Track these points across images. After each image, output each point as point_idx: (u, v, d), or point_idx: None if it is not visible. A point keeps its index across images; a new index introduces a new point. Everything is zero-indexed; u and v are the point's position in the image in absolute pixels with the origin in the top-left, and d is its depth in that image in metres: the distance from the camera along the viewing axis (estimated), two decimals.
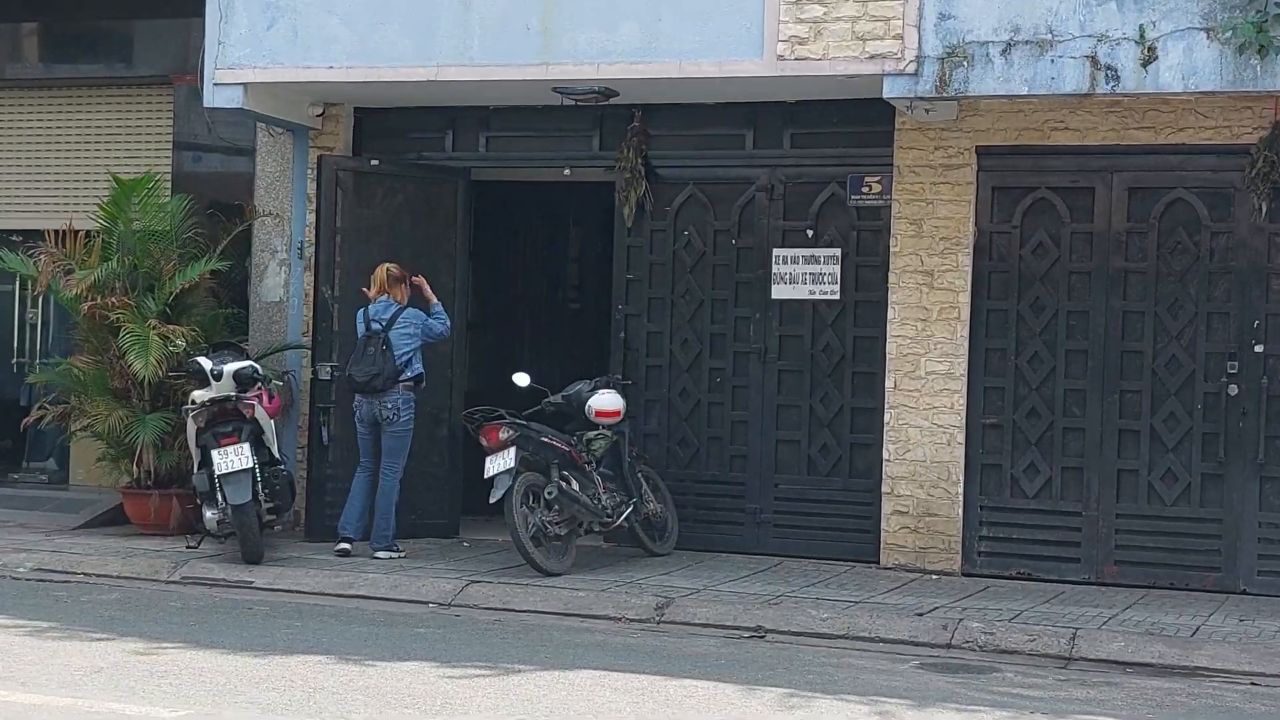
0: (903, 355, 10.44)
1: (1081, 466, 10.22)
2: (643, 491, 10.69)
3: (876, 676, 7.79)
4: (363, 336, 10.60)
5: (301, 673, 7.39)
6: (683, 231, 11.23)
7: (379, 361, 10.47)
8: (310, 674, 7.37)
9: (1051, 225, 10.31)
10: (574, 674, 7.55)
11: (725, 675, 7.65)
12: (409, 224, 11.48)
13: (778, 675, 7.70)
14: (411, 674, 7.44)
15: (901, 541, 10.42)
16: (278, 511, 10.50)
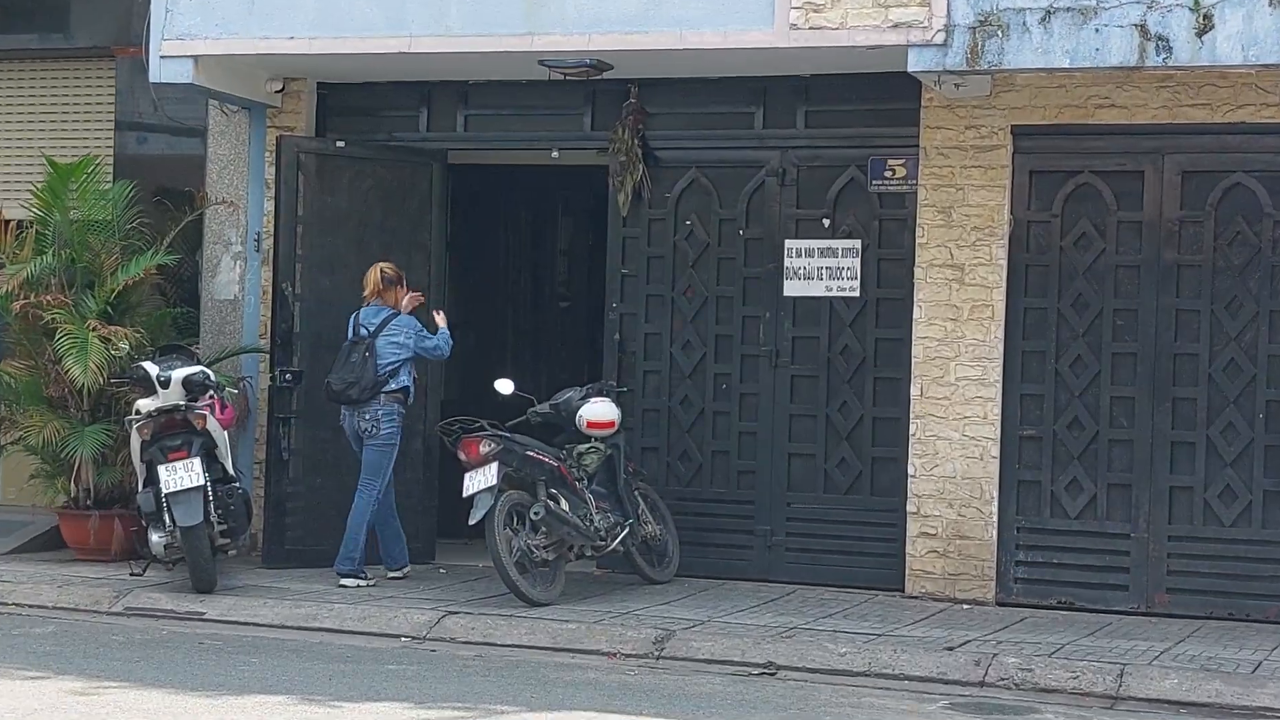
0: (930, 359, 10.43)
1: (1130, 483, 10.21)
2: (640, 512, 10.70)
3: (901, 718, 7.75)
4: (348, 342, 10.68)
5: (259, 715, 7.36)
6: (684, 221, 11.22)
7: (359, 370, 10.53)
8: (269, 717, 7.33)
9: (1096, 214, 10.30)
10: (563, 716, 7.52)
11: (732, 717, 7.59)
12: (379, 212, 11.48)
13: (791, 717, 7.65)
14: (382, 716, 7.42)
15: (929, 567, 10.41)
16: (232, 534, 10.48)
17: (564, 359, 13.71)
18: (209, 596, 10.08)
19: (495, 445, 9.98)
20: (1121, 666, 8.49)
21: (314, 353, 11.22)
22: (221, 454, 10.43)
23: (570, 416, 10.53)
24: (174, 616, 9.89)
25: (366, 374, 10.53)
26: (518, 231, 13.87)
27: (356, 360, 10.57)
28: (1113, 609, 10.11)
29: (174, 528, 10.09)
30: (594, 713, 7.59)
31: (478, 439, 10.03)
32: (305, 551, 11.17)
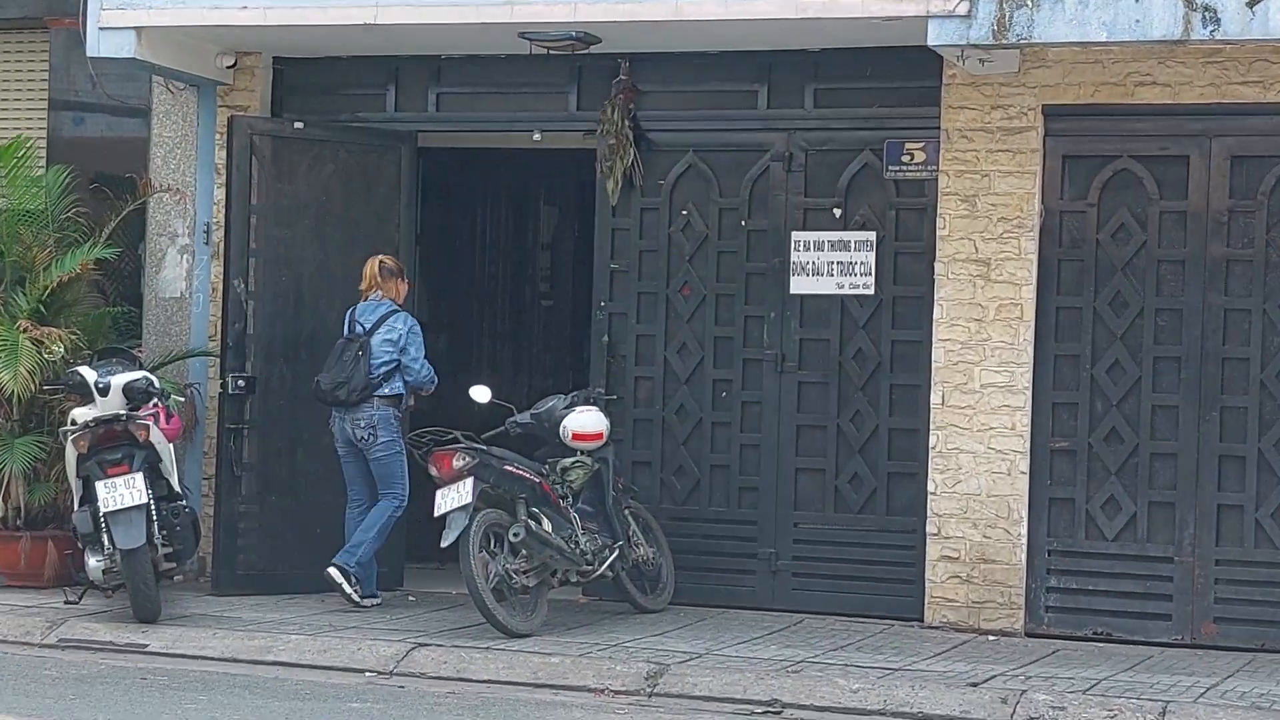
0: (952, 364, 10.45)
1: (1173, 502, 10.22)
2: (630, 533, 10.70)
3: None
4: (341, 340, 10.77)
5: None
6: (680, 211, 11.24)
7: (350, 369, 10.60)
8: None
9: (1136, 203, 10.32)
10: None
11: None
12: (341, 201, 11.49)
13: None
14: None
15: (951, 594, 10.42)
16: (178, 558, 10.48)
17: (546, 363, 13.72)
18: (152, 627, 10.07)
19: (470, 459, 9.98)
20: (1164, 704, 8.50)
21: (269, 357, 11.23)
22: (166, 469, 10.42)
23: (553, 427, 10.54)
24: (113, 649, 9.88)
25: (358, 374, 10.60)
26: (495, 222, 13.88)
27: (348, 359, 10.64)
28: (1154, 640, 10.12)
29: (113, 550, 10.07)
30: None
31: (450, 452, 10.03)
32: (259, 577, 11.17)
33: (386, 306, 10.80)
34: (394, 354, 10.71)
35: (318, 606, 10.77)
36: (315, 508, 11.26)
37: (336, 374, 10.65)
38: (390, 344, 10.70)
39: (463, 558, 9.76)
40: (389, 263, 10.90)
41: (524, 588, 10.03)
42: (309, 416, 11.24)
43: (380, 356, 10.67)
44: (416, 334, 10.80)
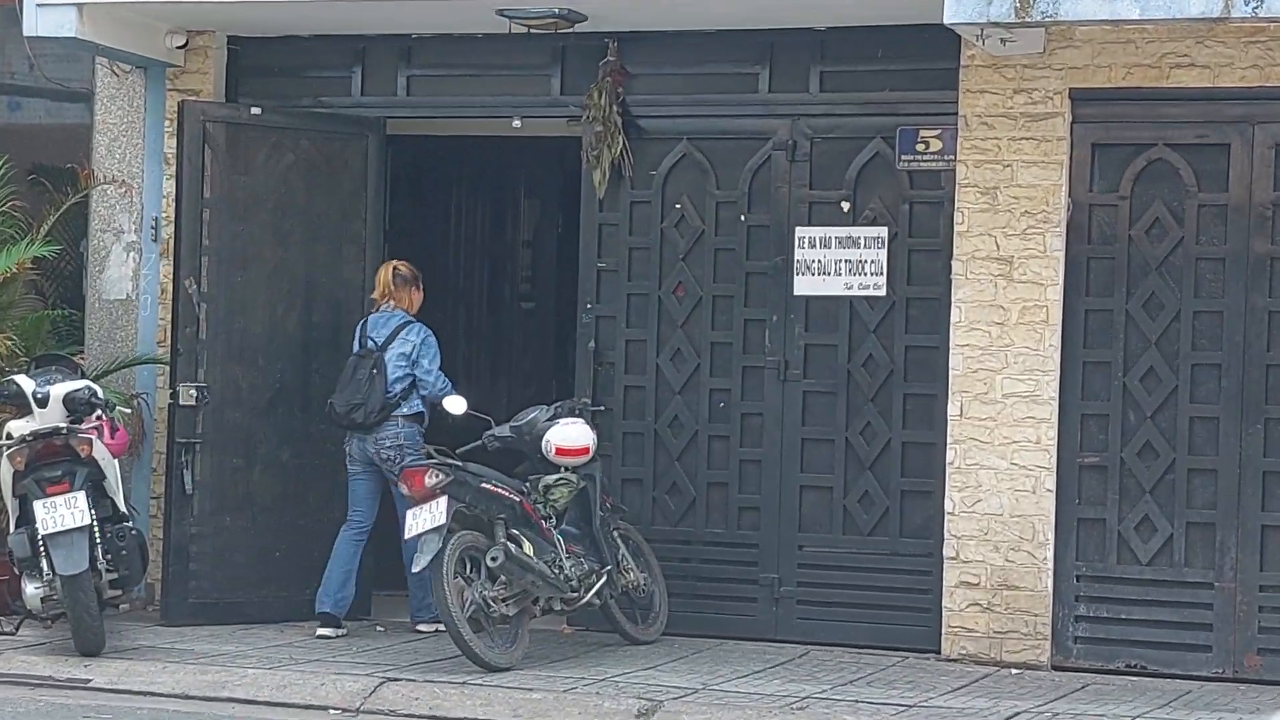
0: (971, 371, 10.46)
1: (1213, 522, 10.22)
2: (619, 557, 10.71)
3: None
4: (353, 356, 10.91)
5: None
6: (674, 204, 11.25)
7: (365, 389, 10.74)
8: None
9: (1172, 195, 10.33)
10: None
11: None
12: (303, 194, 11.50)
13: None
14: None
15: (971, 624, 10.44)
16: (124, 584, 10.46)
17: (527, 371, 13.72)
18: (96, 660, 10.05)
19: (444, 476, 9.99)
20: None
21: (224, 364, 11.25)
22: (111, 487, 10.41)
23: (535, 441, 10.55)
24: (53, 684, 9.85)
25: (374, 394, 10.74)
26: (471, 217, 13.88)
27: (362, 377, 10.79)
28: (1193, 674, 10.13)
29: (53, 576, 10.05)
30: None
31: (422, 469, 10.04)
32: (213, 605, 11.18)
33: (400, 318, 10.95)
34: (409, 369, 10.86)
35: (276, 638, 10.78)
36: (274, 529, 11.29)
37: (350, 395, 10.78)
38: (405, 358, 10.85)
39: (436, 584, 9.77)
40: (403, 270, 11.05)
41: (503, 617, 10.02)
42: (267, 429, 11.30)
43: (395, 373, 10.82)
44: (431, 345, 10.92)
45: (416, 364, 10.86)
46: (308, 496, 11.37)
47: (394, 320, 10.93)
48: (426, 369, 10.86)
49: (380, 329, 10.92)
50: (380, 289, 11.02)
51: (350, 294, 11.47)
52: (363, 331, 10.97)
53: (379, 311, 11.01)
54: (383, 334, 10.89)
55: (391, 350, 10.84)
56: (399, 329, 10.89)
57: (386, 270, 11.04)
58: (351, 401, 10.77)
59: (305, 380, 11.43)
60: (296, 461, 11.39)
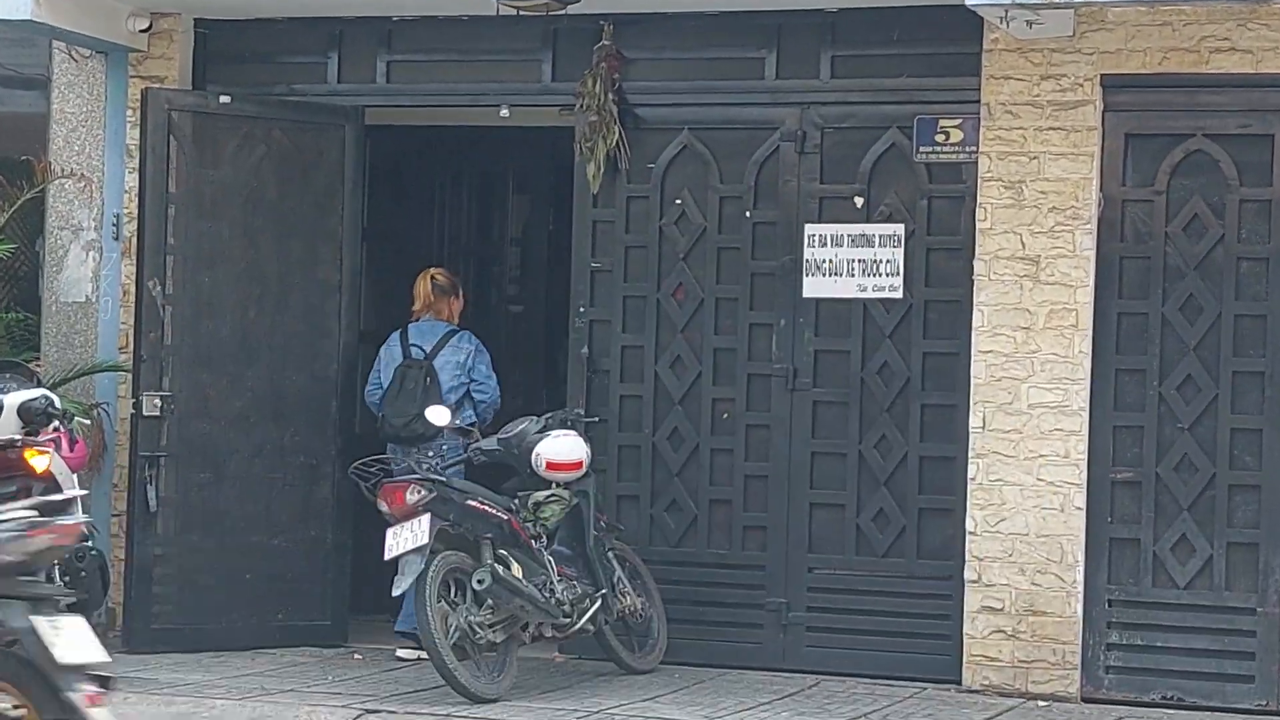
0: (995, 380, 10.42)
1: (1256, 542, 10.19)
2: (615, 579, 10.68)
3: None
4: (399, 366, 11.23)
5: None
6: (674, 200, 11.23)
7: (420, 400, 11.01)
8: None
9: (1211, 190, 10.30)
10: None
11: None
12: (275, 188, 11.50)
13: None
14: None
15: (994, 652, 10.39)
16: (84, 609, 10.32)
17: (516, 379, 13.63)
18: None
19: (426, 493, 9.96)
20: None
21: (190, 371, 11.24)
22: None
23: (524, 455, 10.52)
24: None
25: (431, 402, 10.96)
26: (456, 213, 13.90)
27: (413, 388, 11.12)
28: (1233, 706, 10.09)
29: None
30: None
31: (403, 484, 10.02)
32: (179, 632, 11.16)
33: (445, 326, 11.39)
34: (463, 377, 11.23)
35: (247, 666, 10.75)
36: (244, 551, 11.28)
37: (405, 405, 11.06)
38: (459, 366, 11.26)
39: (418, 609, 9.73)
40: (441, 279, 11.45)
41: (490, 644, 9.99)
42: (237, 442, 11.31)
43: (450, 382, 11.18)
44: (484, 353, 11.37)
45: (473, 371, 11.23)
46: (281, 515, 11.38)
47: (439, 328, 11.34)
48: (486, 375, 11.30)
49: (426, 338, 11.29)
50: (420, 301, 11.45)
51: (326, 296, 11.47)
52: (404, 341, 11.30)
53: (418, 322, 11.38)
54: (430, 342, 11.26)
55: (442, 359, 11.22)
56: (447, 337, 11.29)
57: (425, 281, 11.45)
58: (408, 412, 11.01)
59: (278, 389, 11.42)
60: (269, 477, 11.38)
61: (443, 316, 11.42)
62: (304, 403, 11.36)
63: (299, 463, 11.31)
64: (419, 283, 11.47)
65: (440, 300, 11.43)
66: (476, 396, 11.26)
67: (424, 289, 11.45)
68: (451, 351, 11.25)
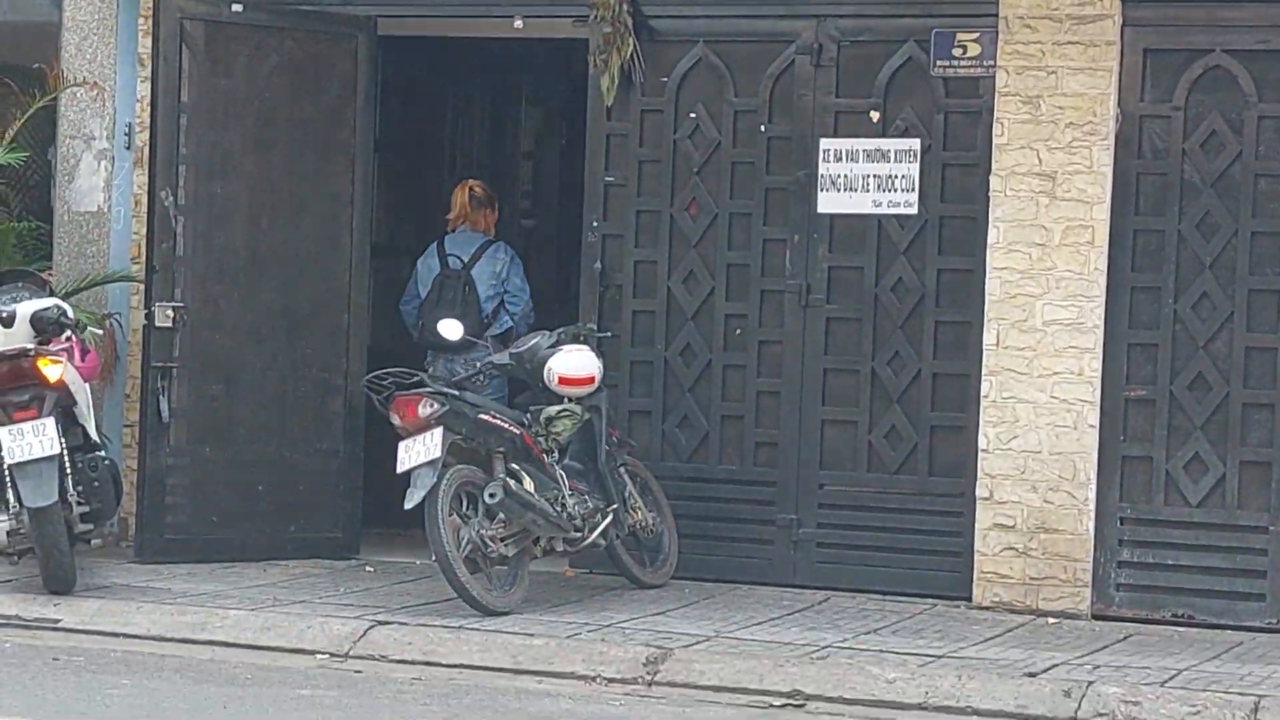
0: (1010, 297, 10.44)
1: (1269, 461, 10.22)
2: (626, 494, 10.73)
3: None
4: (437, 276, 11.52)
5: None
6: (688, 113, 11.22)
7: (460, 309, 11.29)
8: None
9: (1230, 106, 10.30)
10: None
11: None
12: (287, 99, 11.48)
13: None
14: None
15: (1005, 569, 10.44)
16: (96, 518, 10.48)
17: None
18: (66, 598, 10.07)
19: (439, 406, 9.98)
20: (1256, 699, 8.51)
21: (203, 282, 11.24)
22: (82, 414, 10.42)
23: (537, 370, 10.55)
24: (19, 624, 9.88)
25: (470, 313, 11.30)
26: (468, 126, 13.88)
27: (453, 297, 11.43)
28: (1244, 625, 10.14)
29: (20, 509, 10.06)
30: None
31: (416, 398, 10.03)
32: (191, 542, 11.20)
33: (482, 238, 11.63)
34: (500, 287, 11.50)
35: (259, 577, 10.81)
36: (256, 462, 11.32)
37: (445, 315, 11.17)
38: (495, 276, 11.55)
39: (430, 521, 9.77)
40: (479, 191, 11.72)
41: (502, 557, 10.04)
42: (249, 354, 11.31)
43: (487, 291, 11.51)
44: (519, 264, 11.70)
45: (507, 282, 11.50)
46: (293, 427, 11.41)
47: (476, 239, 11.60)
48: (520, 287, 11.58)
49: (463, 248, 11.55)
50: (457, 210, 11.71)
51: (338, 208, 11.47)
52: (441, 251, 11.57)
53: (455, 232, 11.63)
54: (467, 252, 11.51)
55: (479, 269, 11.51)
56: (483, 248, 11.56)
57: (463, 191, 11.71)
58: None
59: (290, 301, 11.42)
60: (281, 389, 11.40)
61: (479, 228, 11.68)
62: (316, 315, 11.39)
63: (311, 375, 11.35)
64: (456, 194, 11.72)
65: (476, 212, 11.68)
66: (509, 307, 11.52)
67: (461, 200, 11.70)
68: (488, 262, 11.54)
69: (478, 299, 11.46)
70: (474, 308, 11.41)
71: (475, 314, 11.39)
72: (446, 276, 11.53)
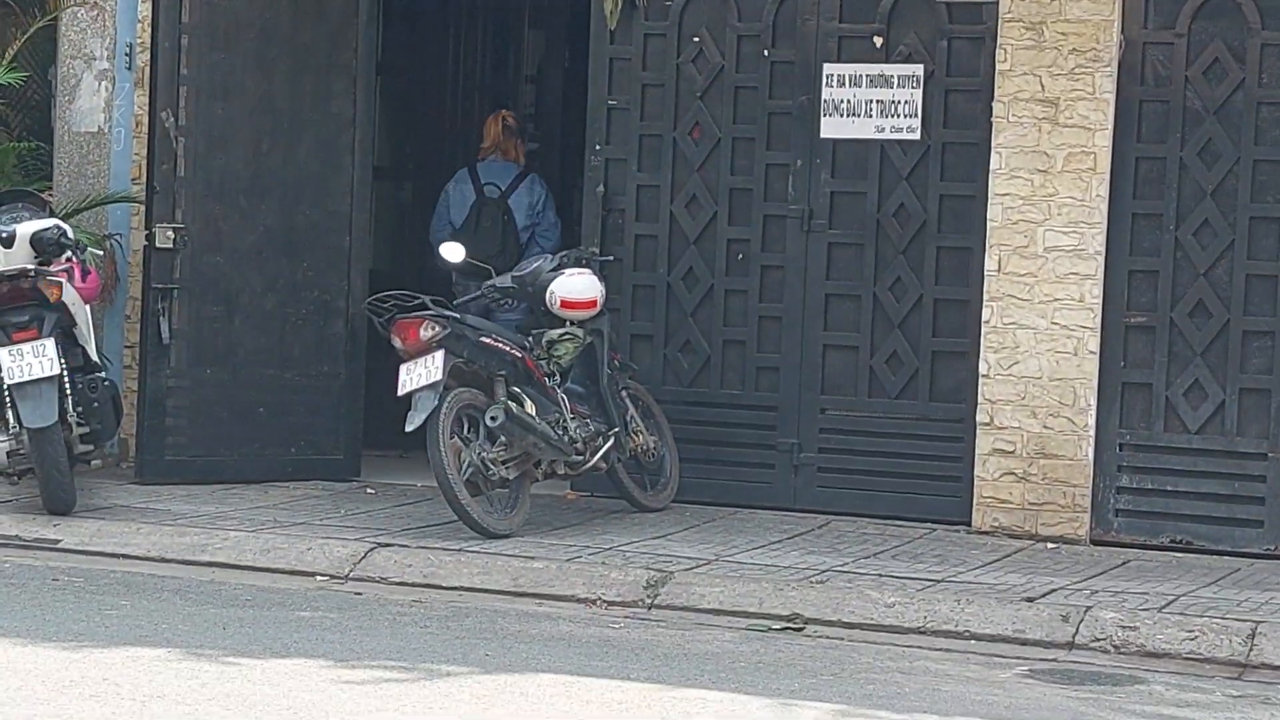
0: (1011, 223, 10.45)
1: (1269, 388, 10.25)
2: (628, 418, 10.75)
3: (965, 688, 7.82)
4: (474, 203, 11.71)
5: (130, 674, 7.40)
6: (691, 37, 11.19)
7: (498, 237, 11.54)
8: (143, 676, 7.39)
9: (1233, 33, 10.28)
10: (527, 679, 7.58)
11: (746, 685, 7.69)
12: (288, 21, 11.45)
13: (821, 686, 7.74)
14: (291, 676, 7.47)
15: (1005, 495, 10.48)
16: (96, 439, 10.50)
17: None
18: (66, 519, 10.11)
19: (440, 329, 9.99)
20: (1254, 625, 8.55)
21: (203, 204, 11.23)
22: (82, 335, 10.43)
23: (539, 293, 10.56)
24: (19, 544, 9.91)
25: (509, 240, 11.59)
26: (470, 49, 13.85)
27: (489, 225, 11.64)
28: (1242, 551, 10.18)
29: (20, 429, 10.08)
30: (567, 676, 7.65)
31: (417, 320, 10.05)
32: (191, 463, 11.25)
33: (515, 168, 11.86)
34: (534, 218, 11.77)
35: (260, 499, 10.85)
36: (256, 384, 11.34)
37: (484, 242, 11.42)
38: (530, 207, 11.80)
39: (431, 444, 9.78)
40: (511, 121, 11.97)
41: (503, 480, 10.07)
42: (250, 276, 11.32)
43: (524, 220, 11.78)
44: (552, 198, 11.91)
45: (542, 215, 11.75)
46: (293, 349, 11.43)
47: (510, 169, 11.87)
48: (553, 221, 11.86)
49: (498, 177, 11.78)
50: (489, 140, 11.90)
51: (340, 131, 11.45)
52: (475, 178, 11.76)
53: (486, 161, 11.83)
54: (504, 181, 11.76)
55: (517, 198, 11.78)
56: (519, 178, 11.81)
57: (496, 122, 11.93)
58: (487, 250, 11.24)
59: (291, 223, 11.42)
60: (282, 311, 11.41)
61: (510, 157, 11.87)
62: (317, 238, 11.39)
63: (312, 298, 11.36)
64: (489, 124, 11.90)
65: (508, 141, 11.87)
66: (542, 241, 11.70)
67: (494, 130, 11.88)
68: (525, 192, 11.80)
69: (515, 227, 11.67)
70: (513, 236, 11.63)
71: (514, 242, 11.60)
72: (484, 204, 11.72)
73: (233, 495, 10.89)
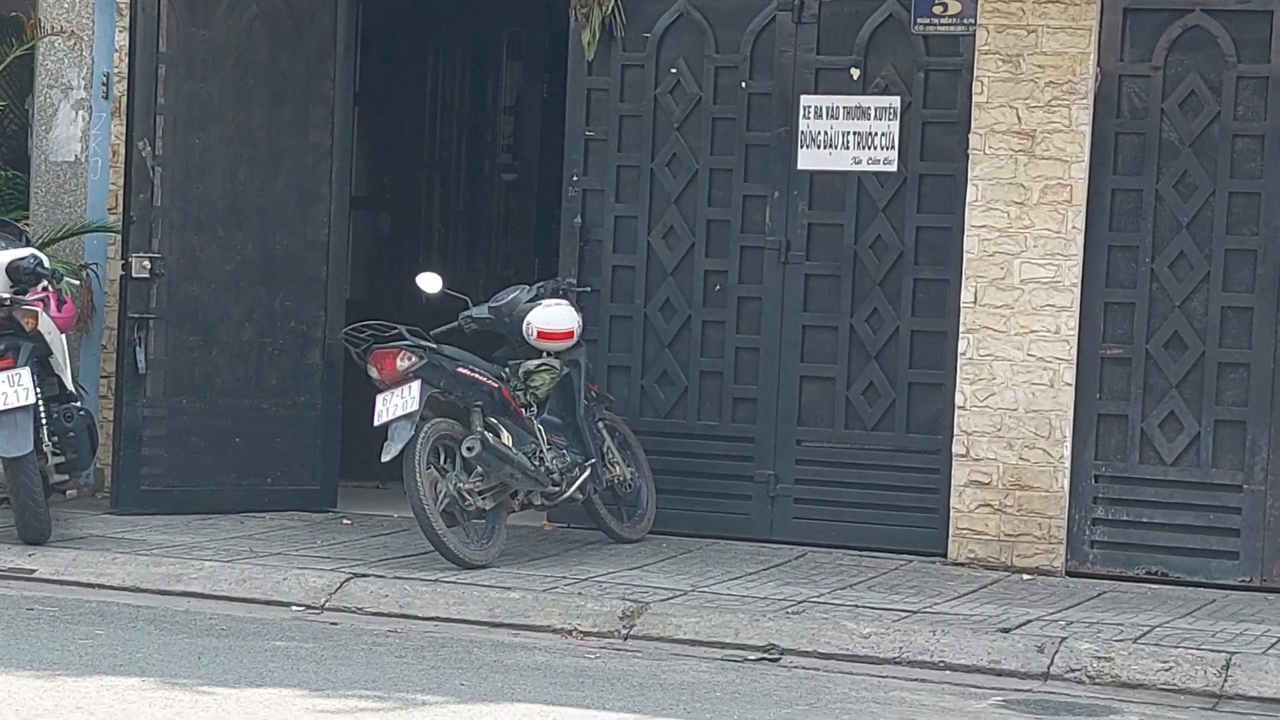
0: (988, 255, 10.48)
1: (1244, 420, 10.28)
2: (604, 449, 10.77)
3: (940, 718, 7.84)
4: None
5: (105, 703, 7.40)
6: (669, 68, 11.23)
7: None
8: (117, 705, 7.39)
9: (1209, 66, 10.32)
10: (503, 709, 7.59)
11: (721, 715, 7.69)
12: (267, 50, 11.48)
13: (797, 717, 7.75)
14: (266, 705, 7.47)
15: (980, 526, 10.51)
16: (72, 469, 10.50)
17: (508, 249, 13.73)
18: (41, 549, 10.11)
19: (417, 359, 10.01)
20: (1228, 656, 8.58)
21: (180, 233, 11.25)
22: (58, 364, 10.42)
23: (516, 323, 10.58)
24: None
25: None
26: (449, 80, 13.83)
27: None
28: (1218, 582, 10.20)
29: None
30: (542, 705, 7.65)
31: (394, 351, 10.05)
32: (167, 493, 11.25)
33: None
34: None
35: (236, 529, 10.85)
36: (233, 413, 11.35)
37: None
38: None
39: (407, 475, 9.81)
40: None
41: (479, 511, 10.08)
42: (227, 306, 11.32)
43: None
44: None
45: None
46: (270, 379, 11.43)
47: None
48: None
49: None
50: None
51: (317, 160, 11.48)
52: None
53: None
54: None
55: None
56: None
57: None
58: None
59: (269, 253, 11.44)
60: (259, 341, 11.42)
61: None
62: (294, 268, 11.40)
63: (289, 328, 11.37)
64: None
65: None
66: None
67: None
68: None
69: None
70: None
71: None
72: None
73: (209, 525, 10.89)
